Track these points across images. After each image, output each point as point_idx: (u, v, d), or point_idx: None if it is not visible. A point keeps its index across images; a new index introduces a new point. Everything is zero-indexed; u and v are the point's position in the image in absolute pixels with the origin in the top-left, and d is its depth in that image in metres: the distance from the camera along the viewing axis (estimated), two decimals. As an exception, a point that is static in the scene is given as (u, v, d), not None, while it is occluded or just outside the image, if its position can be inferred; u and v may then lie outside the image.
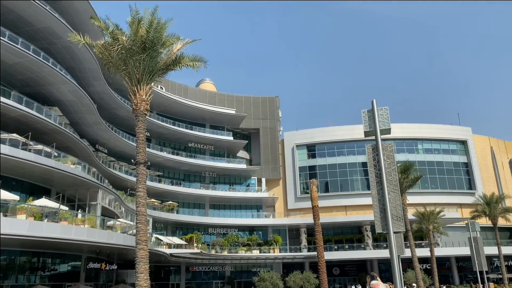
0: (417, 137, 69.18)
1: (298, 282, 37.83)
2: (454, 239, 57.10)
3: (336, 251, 59.49)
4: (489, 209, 52.35)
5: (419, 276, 37.08)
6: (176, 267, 58.32)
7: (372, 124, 10.41)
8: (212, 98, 68.02)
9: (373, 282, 5.15)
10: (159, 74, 17.10)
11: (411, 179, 38.78)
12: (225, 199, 63.61)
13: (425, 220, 46.68)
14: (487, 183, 70.12)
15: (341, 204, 65.34)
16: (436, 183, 67.47)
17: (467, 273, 61.06)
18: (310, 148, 70.67)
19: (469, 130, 72.78)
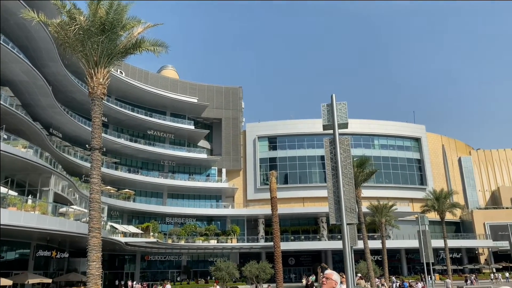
0: (374, 133, 71.28)
1: (254, 271, 38.15)
2: (405, 232, 59.55)
3: (293, 242, 60.57)
4: (438, 204, 55.04)
5: (370, 267, 38.40)
6: (131, 256, 57.37)
7: (330, 118, 10.56)
8: (174, 86, 66.87)
9: (327, 272, 5.24)
10: (118, 57, 16.55)
11: (367, 173, 39.93)
12: (184, 188, 63.02)
13: (378, 213, 48.33)
14: (437, 180, 73.51)
15: (299, 196, 66.47)
16: (390, 178, 69.96)
17: (415, 265, 64.00)
18: (271, 140, 71.18)
19: (423, 128, 75.81)
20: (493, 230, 68.16)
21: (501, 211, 73.55)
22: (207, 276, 55.34)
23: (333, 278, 5.04)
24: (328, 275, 5.10)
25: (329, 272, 5.16)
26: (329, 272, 5.16)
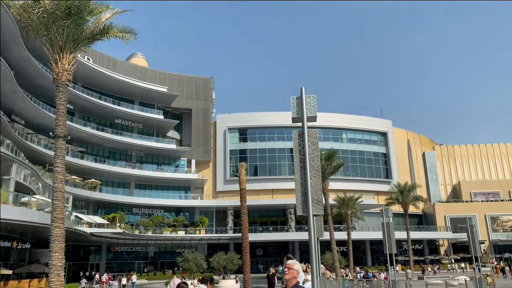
0: (342, 127, 72.50)
1: (222, 262, 38.20)
2: (370, 224, 61.15)
3: (261, 233, 61.07)
4: (402, 197, 56.74)
5: (336, 258, 39.23)
6: (97, 246, 56.32)
7: (299, 111, 10.65)
8: (143, 74, 65.54)
9: (289, 262, 5.30)
10: (85, 43, 16.02)
11: (334, 166, 40.61)
12: (152, 179, 62.23)
13: (345, 205, 49.34)
14: (402, 173, 75.72)
15: (269, 188, 66.93)
16: (357, 171, 71.49)
17: (379, 256, 65.90)
18: (242, 132, 71.18)
19: (389, 123, 77.73)
20: (453, 222, 71.02)
21: (461, 204, 76.75)
22: (175, 267, 54.97)
23: (295, 268, 5.12)
24: (290, 265, 5.17)
25: (291, 262, 5.24)
26: (291, 262, 5.24)
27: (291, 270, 5.09)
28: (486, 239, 71.93)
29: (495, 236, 73.08)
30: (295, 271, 5.10)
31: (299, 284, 5.06)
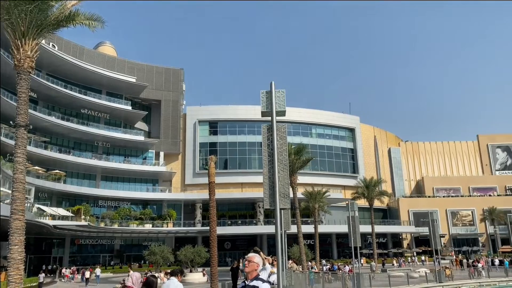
0: (312, 122, 73.33)
1: (189, 256, 38.14)
2: (336, 218, 62.31)
3: (229, 226, 61.16)
4: (368, 191, 58.14)
5: (302, 251, 39.82)
6: (60, 239, 54.88)
7: (269, 105, 10.70)
8: (111, 63, 63.90)
9: (249, 255, 5.33)
10: (49, 29, 15.40)
11: (303, 160, 41.09)
12: (119, 171, 61.01)
13: (312, 199, 50.07)
14: (368, 168, 77.51)
15: (238, 181, 66.96)
16: (325, 166, 72.60)
17: (344, 249, 67.32)
18: (212, 125, 70.74)
19: (357, 119, 79.25)
20: (416, 216, 73.40)
21: (423, 199, 79.47)
22: (141, 261, 54.41)
23: (255, 260, 5.16)
24: (250, 258, 5.20)
25: (251, 255, 5.27)
26: (251, 255, 5.27)
27: (251, 263, 5.13)
28: (446, 233, 74.81)
29: (455, 230, 76.15)
30: (255, 264, 5.15)
31: (259, 276, 5.10)
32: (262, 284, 4.98)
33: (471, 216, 76.98)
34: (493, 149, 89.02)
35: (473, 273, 37.22)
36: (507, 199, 77.62)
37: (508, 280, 36.79)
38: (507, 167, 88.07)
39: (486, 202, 75.86)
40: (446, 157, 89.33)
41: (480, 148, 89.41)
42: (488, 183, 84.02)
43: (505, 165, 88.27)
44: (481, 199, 78.25)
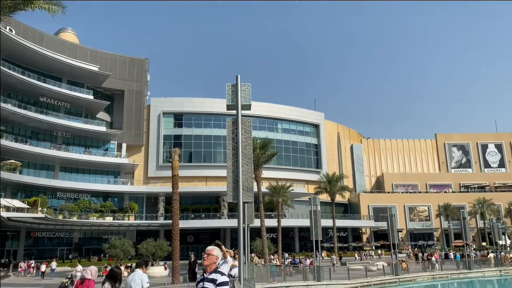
0: (278, 117, 73.83)
1: (151, 249, 37.63)
2: (299, 212, 63.27)
3: (193, 220, 60.81)
4: (330, 186, 59.34)
5: (265, 244, 40.26)
6: (15, 232, 52.73)
7: (234, 98, 10.67)
8: (73, 51, 61.61)
9: (208, 248, 5.33)
10: (6, 12, 14.68)
11: (268, 155, 41.43)
12: (79, 162, 59.12)
13: (276, 194, 50.58)
14: (331, 164, 79.05)
15: (203, 175, 66.53)
16: (289, 161, 73.40)
17: (306, 242, 68.50)
18: (177, 117, 69.77)
19: (322, 116, 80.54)
20: (375, 211, 75.64)
21: (383, 194, 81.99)
22: (101, 254, 53.18)
23: (214, 253, 5.19)
24: (209, 251, 5.22)
25: (210, 248, 5.28)
26: (210, 248, 5.28)
27: (210, 256, 5.15)
28: (403, 228, 77.58)
29: (412, 225, 79.11)
30: (214, 257, 5.17)
31: (218, 269, 5.13)
32: (221, 277, 4.99)
33: (427, 211, 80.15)
34: (449, 147, 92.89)
35: (428, 266, 38.84)
36: (461, 195, 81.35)
37: (459, 272, 38.71)
38: (462, 165, 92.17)
39: (442, 198, 79.23)
40: (405, 154, 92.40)
41: (437, 146, 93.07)
42: (444, 180, 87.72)
43: (460, 163, 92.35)
44: (437, 196, 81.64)
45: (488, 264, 42.77)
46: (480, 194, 77.78)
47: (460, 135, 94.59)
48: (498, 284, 37.82)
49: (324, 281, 28.20)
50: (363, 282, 30.67)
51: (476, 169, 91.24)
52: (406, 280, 34.03)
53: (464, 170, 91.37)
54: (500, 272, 40.80)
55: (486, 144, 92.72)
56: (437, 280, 36.15)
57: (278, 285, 25.43)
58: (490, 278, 39.08)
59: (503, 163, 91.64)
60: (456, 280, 37.27)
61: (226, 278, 5.02)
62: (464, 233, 41.02)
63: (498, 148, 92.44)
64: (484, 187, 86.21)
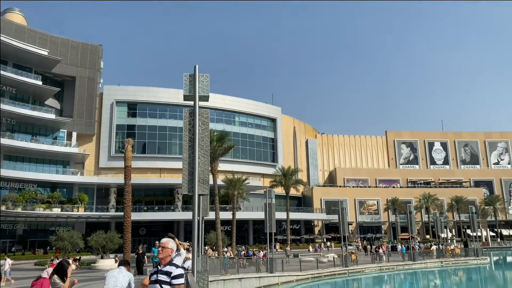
0: (236, 110, 73.71)
1: (101, 241, 36.47)
2: (254, 205, 63.73)
3: (146, 212, 59.63)
4: (285, 180, 60.21)
5: (219, 237, 40.24)
6: (-49, 224, 49.38)
7: (192, 88, 10.49)
8: (20, 33, 58.16)
9: (163, 240, 5.27)
10: None
11: (225, 147, 41.29)
12: (26, 150, 56.16)
13: (232, 186, 50.63)
14: (287, 158, 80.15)
15: (157, 166, 65.30)
16: (246, 154, 73.62)
17: (260, 235, 69.17)
18: (131, 106, 67.86)
19: (279, 110, 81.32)
20: (328, 205, 77.63)
21: (335, 188, 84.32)
22: (47, 247, 51.01)
23: (169, 246, 5.17)
24: (164, 244, 5.17)
25: (165, 241, 5.23)
26: (165, 241, 5.23)
27: (165, 249, 5.13)
28: (354, 221, 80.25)
29: (361, 218, 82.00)
30: (169, 249, 5.15)
31: (172, 262, 5.10)
32: (176, 269, 4.94)
33: (377, 205, 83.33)
34: (398, 144, 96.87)
35: (376, 258, 40.48)
36: (408, 190, 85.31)
37: (404, 264, 40.70)
38: (410, 161, 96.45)
39: (390, 193, 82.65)
40: (357, 150, 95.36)
41: (387, 143, 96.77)
42: (392, 175, 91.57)
43: (408, 159, 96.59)
44: (386, 190, 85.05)
45: (431, 255, 45.26)
46: (425, 190, 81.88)
47: (409, 133, 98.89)
48: (439, 274, 40.10)
49: (277, 273, 28.67)
50: (314, 273, 31.49)
51: (423, 165, 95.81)
52: (355, 272, 35.31)
53: (411, 166, 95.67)
54: (441, 263, 43.29)
55: (432, 142, 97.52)
56: (384, 271, 37.77)
57: (231, 277, 25.54)
58: (432, 269, 41.39)
59: (447, 161, 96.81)
60: (401, 271, 39.13)
61: (181, 271, 4.99)
62: (410, 227, 43.04)
63: (443, 146, 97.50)
64: (429, 183, 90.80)
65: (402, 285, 35.51)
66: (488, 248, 65.28)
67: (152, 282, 5.04)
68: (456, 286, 34.64)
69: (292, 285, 28.94)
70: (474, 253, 47.12)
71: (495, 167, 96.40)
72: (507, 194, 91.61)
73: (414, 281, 36.50)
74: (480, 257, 46.18)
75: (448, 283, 36.21)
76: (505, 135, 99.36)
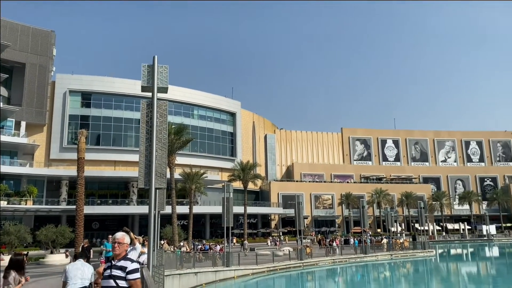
0: (195, 103, 72.91)
1: (51, 236, 35.06)
2: (211, 199, 63.52)
3: (99, 206, 57.88)
4: (243, 174, 60.45)
5: (175, 231, 39.87)
6: None
7: (150, 80, 10.30)
8: (-36, 14, 54.35)
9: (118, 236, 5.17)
10: None
11: (183, 141, 40.85)
12: (-32, 139, 52.76)
13: (190, 180, 50.19)
14: (245, 153, 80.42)
15: (111, 159, 63.50)
16: (204, 148, 73.12)
17: (217, 229, 69.09)
18: (85, 96, 65.40)
19: (238, 104, 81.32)
20: (284, 199, 78.81)
21: (292, 183, 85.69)
22: (-9, 242, 48.33)
23: (125, 241, 5.09)
24: (120, 240, 5.07)
25: (120, 236, 5.12)
26: (120, 236, 5.12)
27: (122, 245, 5.05)
28: (309, 215, 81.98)
29: (316, 212, 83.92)
30: (125, 245, 5.10)
31: (127, 256, 5.03)
32: (131, 264, 4.87)
33: (331, 200, 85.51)
34: (353, 141, 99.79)
35: (329, 251, 41.60)
36: (361, 186, 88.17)
37: (356, 256, 42.12)
38: (363, 158, 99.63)
39: (344, 188, 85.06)
40: (314, 146, 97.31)
41: (343, 139, 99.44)
42: (347, 171, 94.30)
43: (361, 156, 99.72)
44: (340, 185, 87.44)
45: (381, 249, 47.13)
46: (377, 185, 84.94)
47: (363, 130, 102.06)
48: (389, 266, 41.85)
49: (233, 267, 28.83)
50: (269, 266, 31.94)
51: (376, 162, 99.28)
52: (310, 265, 36.15)
53: (365, 163, 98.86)
54: (391, 256, 45.20)
55: (385, 139, 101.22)
56: (337, 264, 38.94)
57: (187, 271, 25.38)
58: (383, 262, 43.11)
59: (398, 158, 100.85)
60: (354, 264, 40.48)
61: (137, 265, 4.93)
62: (363, 221, 44.56)
63: (395, 143, 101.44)
64: (381, 179, 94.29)
65: (354, 277, 36.76)
66: (434, 241, 68.84)
67: (105, 277, 4.93)
68: (404, 277, 36.29)
69: (247, 278, 29.21)
70: (421, 246, 49.55)
71: (442, 165, 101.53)
72: (452, 190, 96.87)
73: (365, 273, 37.87)
74: (427, 250, 48.66)
75: (396, 275, 37.88)
76: (453, 134, 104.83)
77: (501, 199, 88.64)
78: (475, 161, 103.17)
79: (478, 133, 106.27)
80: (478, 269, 43.36)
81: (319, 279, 34.34)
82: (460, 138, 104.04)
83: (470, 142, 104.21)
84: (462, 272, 40.34)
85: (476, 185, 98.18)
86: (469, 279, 35.80)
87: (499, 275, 36.66)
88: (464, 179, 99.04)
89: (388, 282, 33.82)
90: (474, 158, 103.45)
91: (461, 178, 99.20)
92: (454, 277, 36.40)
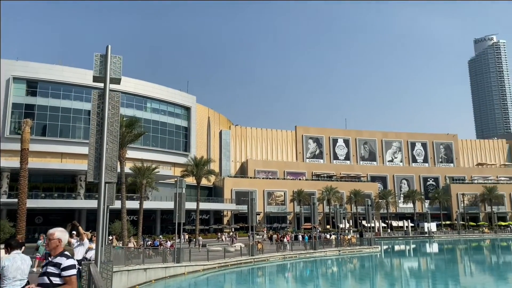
0: (148, 95, 71.27)
1: (-11, 231, 33.14)
2: (163, 194, 62.45)
3: (43, 199, 55.20)
4: (197, 170, 59.81)
5: (125, 227, 38.79)
6: None
7: (103, 70, 9.95)
8: None
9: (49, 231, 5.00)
10: None
11: (135, 134, 39.80)
12: None
13: (141, 175, 48.97)
14: (200, 148, 79.73)
15: (58, 151, 60.81)
16: (157, 142, 71.70)
17: (168, 225, 68.11)
18: (31, 84, 62.08)
19: (194, 99, 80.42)
20: (238, 195, 79.00)
21: (246, 179, 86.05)
22: None
23: (55, 237, 4.92)
24: (50, 236, 4.89)
25: (51, 232, 4.94)
26: (51, 232, 4.94)
27: (52, 241, 4.89)
28: (261, 211, 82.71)
29: (269, 208, 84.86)
30: (56, 240, 4.93)
31: (64, 252, 4.88)
32: (66, 260, 4.74)
33: (283, 196, 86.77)
34: (306, 139, 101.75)
35: (280, 247, 42.24)
36: (312, 183, 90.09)
37: (306, 252, 43.07)
38: (315, 156, 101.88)
39: (296, 185, 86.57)
40: (268, 143, 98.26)
41: (296, 137, 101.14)
42: (300, 168, 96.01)
43: (314, 154, 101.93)
44: (292, 182, 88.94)
45: (330, 244, 48.48)
46: (328, 183, 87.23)
47: (316, 129, 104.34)
48: (337, 262, 43.16)
49: (184, 263, 28.58)
50: (221, 262, 31.96)
51: (327, 160, 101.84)
52: (261, 260, 36.55)
53: (317, 161, 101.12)
54: (339, 251, 46.63)
55: (336, 138, 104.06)
56: (287, 260, 39.62)
57: (136, 267, 24.86)
58: (331, 257, 44.39)
59: (348, 156, 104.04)
60: (303, 259, 41.37)
61: (72, 261, 4.78)
62: (313, 217, 45.59)
63: (345, 143, 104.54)
64: (332, 177, 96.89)
65: (303, 272, 37.58)
66: (380, 238, 71.71)
67: (40, 274, 4.78)
68: (351, 272, 37.60)
69: (198, 274, 29.06)
70: (368, 242, 51.49)
71: (389, 164, 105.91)
72: (398, 189, 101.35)
73: (314, 269, 38.83)
74: (373, 246, 50.66)
75: (344, 270, 39.17)
76: (399, 135, 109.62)
77: (441, 198, 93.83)
78: (420, 161, 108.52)
79: (423, 135, 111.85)
80: (419, 264, 45.73)
81: (269, 275, 34.79)
82: (407, 140, 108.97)
83: (416, 143, 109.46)
84: (404, 267, 42.40)
85: (420, 184, 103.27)
86: (410, 273, 37.69)
87: (437, 270, 38.92)
88: (409, 179, 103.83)
89: (335, 277, 34.90)
90: (419, 158, 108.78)
91: (406, 178, 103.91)
92: (397, 272, 38.20)
